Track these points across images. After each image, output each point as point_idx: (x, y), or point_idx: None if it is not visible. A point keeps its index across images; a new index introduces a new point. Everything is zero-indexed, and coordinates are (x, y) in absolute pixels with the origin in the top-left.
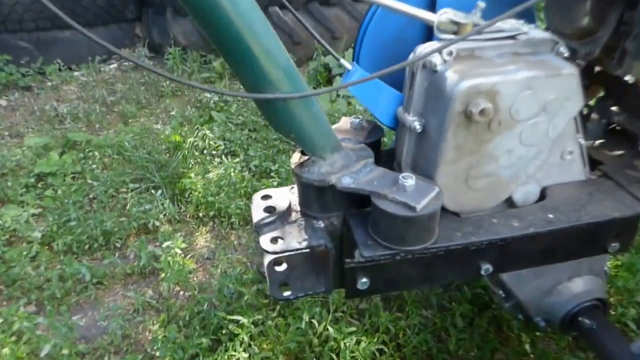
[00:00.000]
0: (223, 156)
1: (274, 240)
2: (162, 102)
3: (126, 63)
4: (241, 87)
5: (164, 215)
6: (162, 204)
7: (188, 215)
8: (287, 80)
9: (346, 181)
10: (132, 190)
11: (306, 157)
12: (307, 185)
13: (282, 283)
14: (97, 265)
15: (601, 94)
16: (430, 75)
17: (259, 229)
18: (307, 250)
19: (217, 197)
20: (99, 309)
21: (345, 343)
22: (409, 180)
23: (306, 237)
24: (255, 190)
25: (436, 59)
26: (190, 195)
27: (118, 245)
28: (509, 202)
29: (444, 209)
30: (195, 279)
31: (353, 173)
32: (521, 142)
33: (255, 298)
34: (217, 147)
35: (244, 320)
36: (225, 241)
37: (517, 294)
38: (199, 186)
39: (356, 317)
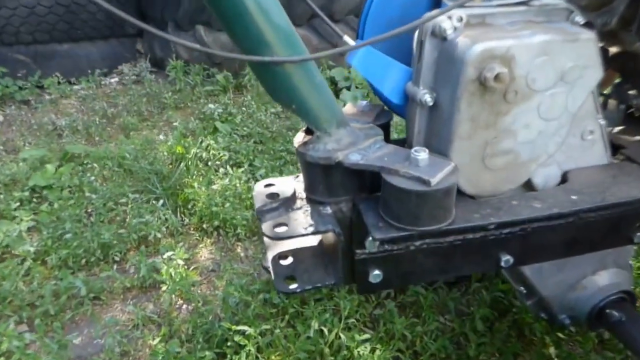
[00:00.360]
0: (228, 167)
1: (278, 226)
2: (164, 115)
3: (127, 77)
4: (246, 98)
5: (166, 227)
6: (164, 216)
7: (192, 228)
8: (285, 43)
9: (354, 158)
10: (132, 202)
11: (310, 137)
12: (312, 165)
13: (287, 276)
14: (94, 279)
15: (617, 80)
16: (440, 44)
17: (261, 215)
18: (313, 236)
19: (221, 208)
20: (96, 326)
21: (358, 351)
22: (422, 153)
23: (312, 222)
24: None
25: (446, 25)
26: (194, 206)
27: (117, 258)
28: (529, 187)
29: (460, 192)
30: (199, 291)
31: (361, 150)
32: (540, 116)
33: (262, 308)
34: (221, 157)
35: (250, 330)
36: (230, 253)
37: (539, 290)
38: (202, 197)
39: (370, 325)
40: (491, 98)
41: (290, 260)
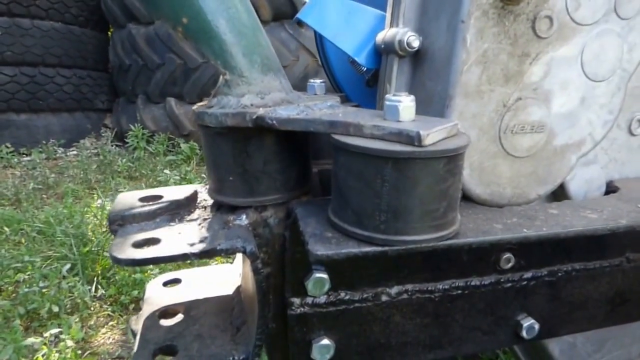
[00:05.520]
0: None
1: (142, 244)
2: (113, 182)
3: (87, 150)
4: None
5: (70, 299)
6: (69, 284)
7: (108, 301)
8: None
9: (284, 112)
10: (35, 269)
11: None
12: (215, 133)
13: (163, 347)
14: None
15: None
16: None
17: (120, 224)
18: (201, 259)
19: (147, 274)
20: None
21: None
22: (404, 98)
23: (206, 236)
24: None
25: None
26: (114, 274)
27: None
28: (561, 196)
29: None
30: None
31: (301, 107)
32: (583, 70)
33: None
34: None
35: None
36: None
37: None
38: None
39: None
40: (514, 27)
41: (178, 318)
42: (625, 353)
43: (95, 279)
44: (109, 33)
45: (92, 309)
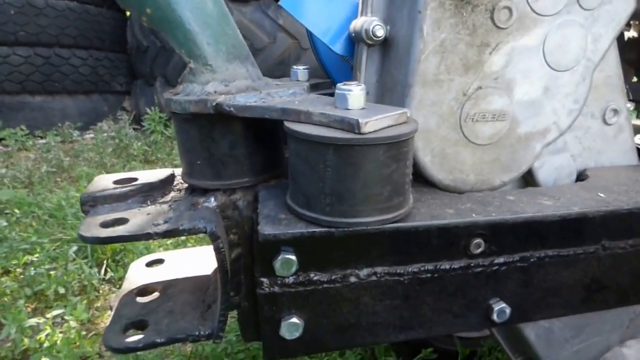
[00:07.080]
0: None
1: (110, 224)
2: (128, 166)
3: (105, 133)
4: None
5: (78, 281)
6: (77, 267)
7: (118, 284)
8: None
9: (242, 100)
10: (43, 251)
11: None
12: (182, 119)
13: (135, 322)
14: None
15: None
16: None
17: (91, 204)
18: (166, 239)
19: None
20: None
21: None
22: (354, 88)
23: (170, 217)
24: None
25: None
26: (124, 257)
27: None
28: (530, 184)
29: (425, 182)
30: None
31: (263, 95)
32: (546, 59)
33: None
34: None
35: None
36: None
37: None
38: (137, 245)
39: None
40: (472, 17)
41: (154, 296)
42: (604, 340)
43: (105, 261)
44: (127, 13)
45: (100, 291)
